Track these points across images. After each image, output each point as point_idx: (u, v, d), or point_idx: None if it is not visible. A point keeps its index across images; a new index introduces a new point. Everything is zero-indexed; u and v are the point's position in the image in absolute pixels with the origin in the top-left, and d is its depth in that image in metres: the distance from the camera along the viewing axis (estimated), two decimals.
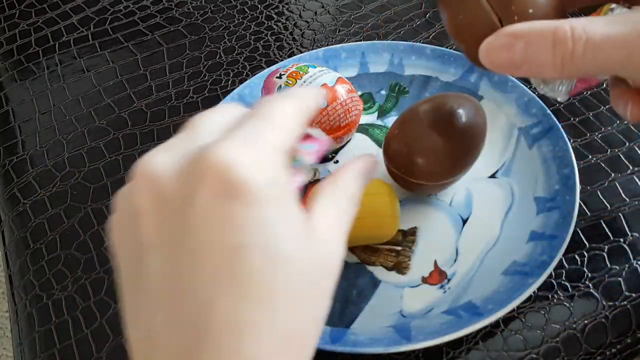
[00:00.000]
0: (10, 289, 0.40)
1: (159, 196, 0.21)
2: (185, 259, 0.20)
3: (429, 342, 0.31)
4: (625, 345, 0.33)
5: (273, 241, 0.20)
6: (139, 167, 0.21)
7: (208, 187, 0.20)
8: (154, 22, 0.55)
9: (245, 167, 0.20)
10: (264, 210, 0.20)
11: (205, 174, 0.20)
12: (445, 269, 0.36)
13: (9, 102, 0.51)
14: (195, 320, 0.20)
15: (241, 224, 0.20)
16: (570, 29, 0.23)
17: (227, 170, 0.20)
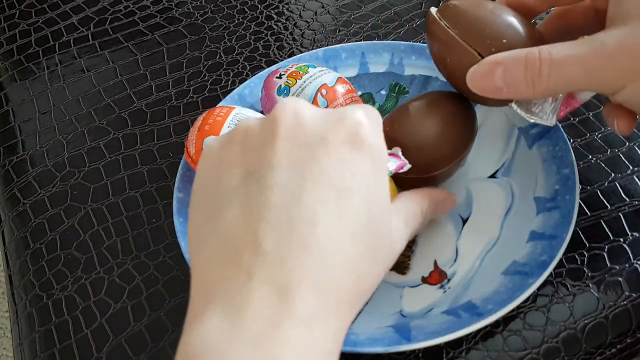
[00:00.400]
0: (10, 289, 0.40)
1: (300, 129, 0.25)
2: (306, 181, 0.23)
3: (429, 342, 0.31)
4: (625, 345, 0.33)
5: (372, 196, 0.25)
6: (285, 105, 0.26)
7: (342, 133, 0.25)
8: (154, 22, 0.55)
9: (371, 129, 0.26)
10: (374, 168, 0.25)
11: (342, 124, 0.25)
12: (445, 269, 0.36)
13: (9, 102, 0.51)
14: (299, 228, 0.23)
15: (355, 170, 0.24)
16: (539, 52, 0.28)
17: (359, 125, 0.25)
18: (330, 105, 0.39)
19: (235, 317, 0.21)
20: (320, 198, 0.23)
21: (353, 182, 0.24)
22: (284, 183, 0.23)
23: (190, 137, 0.38)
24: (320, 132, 0.25)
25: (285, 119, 0.25)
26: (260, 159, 0.24)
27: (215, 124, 0.37)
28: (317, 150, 0.24)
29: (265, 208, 0.23)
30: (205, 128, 0.37)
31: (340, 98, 0.39)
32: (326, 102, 0.39)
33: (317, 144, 0.24)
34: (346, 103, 0.39)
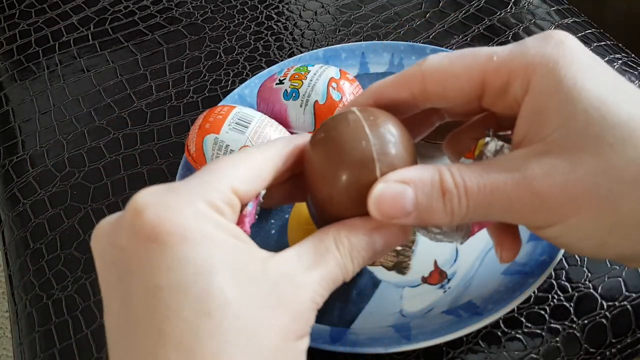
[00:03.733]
0: (10, 289, 0.40)
1: (100, 249, 0.22)
2: (120, 301, 0.21)
3: (429, 342, 0.31)
4: (625, 345, 0.33)
5: (193, 283, 0.20)
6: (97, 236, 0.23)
7: (128, 231, 0.21)
8: (154, 22, 0.55)
9: (159, 208, 0.21)
10: (183, 247, 0.21)
11: (126, 219, 0.21)
12: (445, 269, 0.36)
13: (9, 102, 0.51)
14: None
15: (158, 264, 0.20)
16: (451, 175, 0.23)
17: (141, 213, 0.21)
18: (344, 97, 0.39)
19: None
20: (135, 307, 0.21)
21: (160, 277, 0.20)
22: (112, 305, 0.22)
23: (191, 135, 0.38)
24: (115, 239, 0.22)
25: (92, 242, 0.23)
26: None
27: (216, 123, 0.37)
28: (119, 259, 0.22)
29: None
30: (206, 126, 0.37)
31: (347, 92, 0.39)
32: (340, 94, 0.39)
33: (118, 253, 0.22)
34: (355, 95, 0.40)
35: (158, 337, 0.20)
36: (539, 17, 0.51)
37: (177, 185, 0.23)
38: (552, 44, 0.24)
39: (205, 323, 0.20)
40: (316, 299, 0.23)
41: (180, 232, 0.21)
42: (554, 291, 0.34)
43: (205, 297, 0.20)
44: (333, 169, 0.25)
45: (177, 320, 0.20)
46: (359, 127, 0.25)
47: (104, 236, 0.22)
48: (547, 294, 0.34)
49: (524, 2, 0.52)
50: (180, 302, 0.20)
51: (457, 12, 0.52)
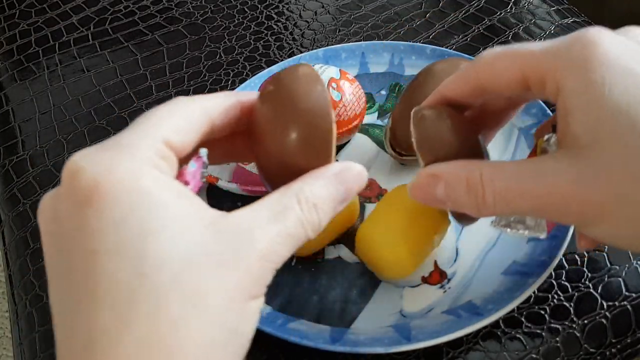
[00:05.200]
0: (10, 289, 0.40)
1: (43, 219, 0.22)
2: (61, 273, 0.20)
3: (429, 342, 0.31)
4: (625, 345, 0.33)
5: (129, 241, 0.20)
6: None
7: (64, 196, 0.21)
8: (154, 22, 0.55)
9: (93, 170, 0.20)
10: (119, 207, 0.20)
11: (62, 186, 0.21)
12: (445, 269, 0.36)
13: (9, 102, 0.51)
14: (68, 333, 0.20)
15: (93, 228, 0.20)
16: (480, 175, 0.25)
17: (74, 177, 0.20)
18: (344, 97, 0.39)
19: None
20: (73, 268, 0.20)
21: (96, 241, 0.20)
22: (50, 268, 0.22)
23: None
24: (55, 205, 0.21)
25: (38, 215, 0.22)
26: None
27: None
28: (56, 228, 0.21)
29: None
30: None
31: (347, 92, 0.39)
32: (340, 94, 0.39)
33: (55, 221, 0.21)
34: (355, 95, 0.40)
35: (92, 300, 0.19)
36: (539, 17, 0.51)
37: (111, 142, 0.22)
38: (584, 44, 0.23)
39: (140, 284, 0.19)
40: (271, 256, 0.21)
41: (115, 194, 0.20)
42: (554, 291, 0.34)
43: (141, 258, 0.19)
44: (287, 120, 0.24)
45: (111, 283, 0.19)
46: (312, 75, 0.25)
47: (46, 210, 0.22)
48: (547, 294, 0.34)
49: (524, 2, 0.52)
50: (115, 265, 0.19)
51: (457, 12, 0.52)
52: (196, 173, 0.24)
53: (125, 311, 0.19)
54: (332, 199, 0.24)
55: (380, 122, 0.44)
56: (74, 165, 0.21)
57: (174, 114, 0.23)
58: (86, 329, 0.19)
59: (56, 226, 0.21)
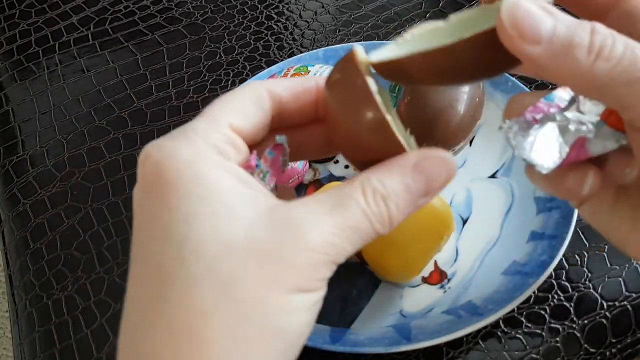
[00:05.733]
0: (10, 289, 0.40)
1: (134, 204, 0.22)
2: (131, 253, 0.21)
3: (429, 342, 0.31)
4: (625, 345, 0.33)
5: (175, 226, 0.19)
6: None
7: (138, 184, 0.21)
8: (154, 22, 0.55)
9: (157, 157, 0.21)
10: (172, 195, 0.20)
11: (138, 172, 0.21)
12: (445, 269, 0.36)
13: (9, 102, 0.51)
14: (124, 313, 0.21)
15: (150, 214, 0.20)
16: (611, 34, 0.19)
17: (143, 163, 0.21)
18: None
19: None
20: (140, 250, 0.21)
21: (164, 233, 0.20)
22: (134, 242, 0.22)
23: None
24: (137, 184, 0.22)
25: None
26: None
27: None
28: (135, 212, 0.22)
29: None
30: None
31: None
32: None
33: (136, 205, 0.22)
34: None
35: (139, 284, 0.20)
36: None
37: (180, 130, 0.22)
38: None
39: (177, 268, 0.19)
40: (326, 248, 0.20)
41: (172, 180, 0.20)
42: (554, 291, 0.34)
43: (183, 242, 0.19)
44: (350, 108, 0.22)
45: (152, 267, 0.20)
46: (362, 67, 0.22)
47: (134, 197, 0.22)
48: (547, 294, 0.34)
49: None
50: (159, 249, 0.20)
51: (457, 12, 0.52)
52: (276, 161, 0.23)
53: (161, 296, 0.19)
54: (407, 191, 0.21)
55: None
56: (144, 154, 0.21)
57: (240, 99, 0.23)
58: (130, 311, 0.20)
59: (136, 212, 0.21)
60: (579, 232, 0.36)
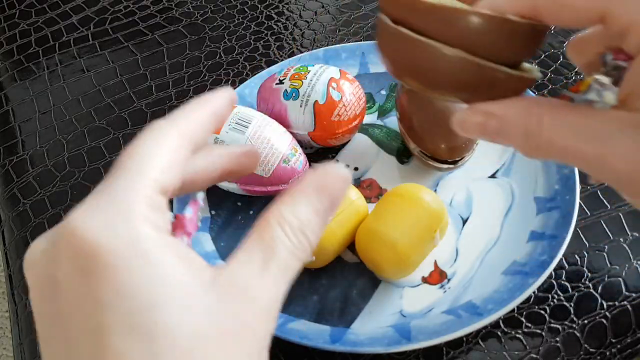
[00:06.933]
0: (10, 289, 0.40)
1: (35, 281, 0.20)
2: (58, 346, 0.19)
3: (429, 342, 0.31)
4: (625, 345, 0.33)
5: (137, 316, 0.18)
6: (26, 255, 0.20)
7: (64, 263, 0.19)
8: (154, 22, 0.55)
9: (93, 232, 0.19)
10: (124, 277, 0.18)
11: (60, 249, 0.19)
12: (445, 269, 0.36)
13: (9, 102, 0.51)
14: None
15: (100, 299, 0.18)
16: (540, 125, 0.23)
17: (74, 239, 0.19)
18: (344, 97, 0.39)
19: None
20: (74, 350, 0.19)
21: (104, 316, 0.18)
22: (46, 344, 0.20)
23: None
24: (49, 272, 0.19)
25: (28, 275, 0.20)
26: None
27: None
28: (56, 298, 0.19)
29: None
30: None
31: (347, 92, 0.39)
32: (340, 94, 0.39)
33: (54, 290, 0.19)
34: (355, 95, 0.40)
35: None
36: None
37: (104, 195, 0.20)
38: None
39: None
40: (273, 304, 0.20)
41: (118, 261, 0.18)
42: (554, 291, 0.34)
43: (153, 336, 0.18)
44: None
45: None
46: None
47: (38, 265, 0.20)
48: (547, 294, 0.34)
49: None
50: (129, 344, 0.18)
51: None
52: (193, 219, 0.23)
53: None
54: (317, 214, 0.22)
55: (380, 122, 0.44)
56: (72, 228, 0.19)
57: (157, 151, 0.22)
58: None
59: (54, 289, 0.19)
60: (579, 232, 0.36)
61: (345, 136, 0.40)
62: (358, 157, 0.42)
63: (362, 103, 0.40)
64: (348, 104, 0.39)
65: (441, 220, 0.33)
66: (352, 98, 0.40)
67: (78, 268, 0.19)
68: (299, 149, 0.39)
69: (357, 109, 0.40)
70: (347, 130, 0.40)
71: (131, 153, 0.22)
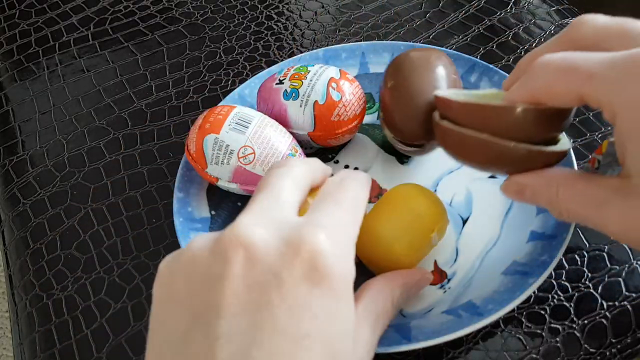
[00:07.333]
0: (10, 289, 0.40)
1: (252, 265, 0.22)
2: (257, 331, 0.20)
3: (429, 342, 0.31)
4: (625, 345, 0.33)
5: (336, 338, 0.22)
6: (237, 233, 0.23)
7: (298, 268, 0.21)
8: (154, 22, 0.55)
9: (332, 257, 0.22)
10: (337, 304, 0.22)
11: (298, 256, 0.22)
12: (445, 269, 0.36)
13: (9, 102, 0.51)
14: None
15: (315, 311, 0.21)
16: (557, 194, 0.28)
17: (318, 256, 0.22)
18: (344, 97, 0.39)
19: None
20: (273, 351, 0.20)
21: (312, 326, 0.21)
22: (233, 333, 0.20)
23: (191, 135, 0.38)
24: (273, 269, 0.21)
25: (236, 255, 0.22)
26: (207, 303, 0.21)
27: (216, 123, 0.37)
28: (270, 292, 0.21)
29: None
30: (206, 126, 0.37)
31: (347, 92, 0.39)
32: (339, 94, 0.39)
33: (270, 285, 0.21)
34: (355, 95, 0.40)
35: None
36: (539, 17, 0.51)
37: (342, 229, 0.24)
38: (636, 78, 0.23)
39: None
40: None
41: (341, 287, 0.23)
42: (554, 291, 0.34)
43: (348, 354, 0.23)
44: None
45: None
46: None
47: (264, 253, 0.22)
48: (547, 294, 0.34)
49: (524, 2, 0.52)
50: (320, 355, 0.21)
51: (457, 12, 0.52)
52: None
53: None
54: (405, 300, 0.31)
55: (380, 122, 0.44)
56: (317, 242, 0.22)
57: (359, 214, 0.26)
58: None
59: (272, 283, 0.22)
60: (579, 232, 0.36)
61: (345, 136, 0.40)
62: (358, 157, 0.42)
63: (362, 103, 0.40)
64: (348, 104, 0.39)
65: (440, 221, 0.33)
66: (352, 98, 0.40)
67: (308, 276, 0.22)
68: (299, 149, 0.39)
69: (357, 109, 0.40)
70: (347, 131, 0.40)
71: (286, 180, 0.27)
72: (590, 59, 0.25)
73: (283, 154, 0.37)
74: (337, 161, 0.42)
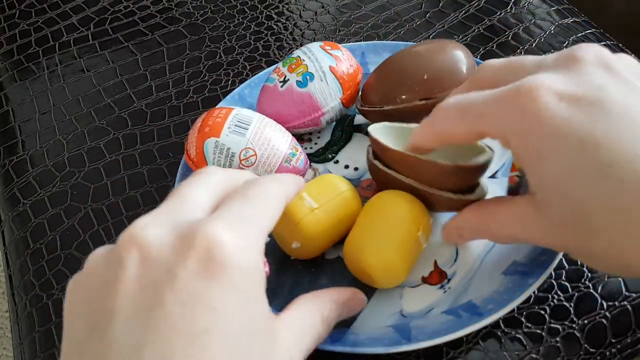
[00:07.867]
0: (10, 289, 0.40)
1: (146, 264, 0.21)
2: (148, 330, 0.20)
3: (429, 342, 0.31)
4: (625, 345, 0.33)
5: (239, 335, 0.20)
6: (131, 235, 0.22)
7: (192, 262, 0.20)
8: (154, 22, 0.55)
9: (231, 247, 0.21)
10: (240, 298, 0.21)
11: (192, 249, 0.21)
12: (445, 269, 0.36)
13: (9, 102, 0.51)
14: None
15: (212, 306, 0.20)
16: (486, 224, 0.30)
17: (214, 246, 0.21)
18: (341, 52, 0.41)
19: None
20: (165, 350, 0.19)
21: (210, 321, 0.20)
22: (125, 336, 0.20)
23: (190, 139, 0.38)
24: (167, 265, 0.21)
25: (130, 257, 0.21)
26: (102, 309, 0.21)
27: (215, 125, 0.37)
28: (163, 289, 0.20)
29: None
30: (205, 130, 0.37)
31: (340, 49, 0.42)
32: (338, 51, 0.41)
33: (163, 282, 0.20)
34: (343, 50, 0.42)
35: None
36: (539, 17, 0.51)
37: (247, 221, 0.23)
38: (521, 109, 0.25)
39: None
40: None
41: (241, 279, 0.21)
42: (554, 291, 0.34)
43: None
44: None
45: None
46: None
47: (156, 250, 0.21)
48: (547, 294, 0.34)
49: (524, 2, 0.52)
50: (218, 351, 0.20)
51: (457, 12, 0.52)
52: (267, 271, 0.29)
53: None
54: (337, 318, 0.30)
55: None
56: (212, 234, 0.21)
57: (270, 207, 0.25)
58: None
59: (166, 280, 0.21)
60: None
61: (359, 85, 0.42)
62: (358, 157, 0.42)
63: (355, 63, 0.42)
64: (348, 56, 0.42)
65: (422, 221, 0.33)
66: (344, 53, 0.42)
67: (203, 269, 0.21)
68: (299, 148, 0.39)
69: (353, 62, 0.42)
70: (359, 79, 0.42)
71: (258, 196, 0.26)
72: (478, 98, 0.27)
73: (284, 153, 0.37)
74: (337, 161, 0.42)
